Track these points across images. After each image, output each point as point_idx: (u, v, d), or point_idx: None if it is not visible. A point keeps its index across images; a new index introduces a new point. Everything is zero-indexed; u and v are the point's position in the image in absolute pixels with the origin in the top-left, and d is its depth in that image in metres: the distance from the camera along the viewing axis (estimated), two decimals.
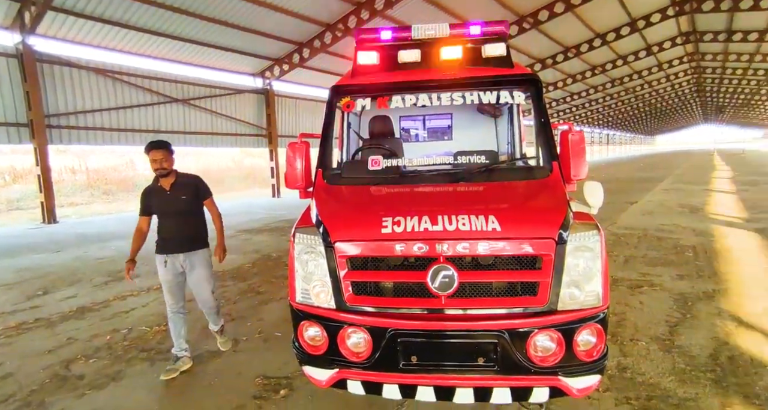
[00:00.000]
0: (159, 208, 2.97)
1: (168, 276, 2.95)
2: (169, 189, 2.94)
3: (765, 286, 4.13)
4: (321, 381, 2.05)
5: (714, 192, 12.10)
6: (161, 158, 2.85)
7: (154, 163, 2.84)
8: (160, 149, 2.86)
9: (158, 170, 2.86)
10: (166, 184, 2.95)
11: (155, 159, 2.84)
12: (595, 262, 1.92)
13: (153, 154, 2.84)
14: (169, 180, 2.95)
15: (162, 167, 2.85)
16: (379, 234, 1.95)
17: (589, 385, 1.90)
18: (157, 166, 2.85)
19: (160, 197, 2.95)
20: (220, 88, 14.16)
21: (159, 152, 2.85)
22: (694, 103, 49.10)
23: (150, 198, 2.97)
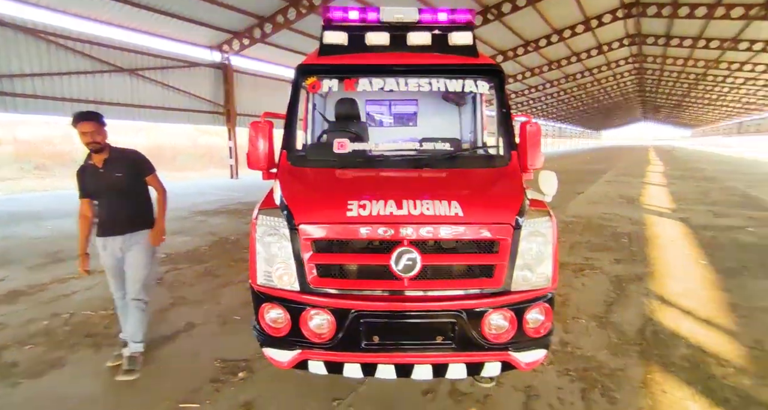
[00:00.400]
0: (93, 188, 2.68)
1: (108, 261, 2.72)
2: (101, 166, 2.64)
3: (685, 269, 4.63)
4: (282, 363, 2.06)
5: (648, 185, 13.21)
6: (91, 131, 2.54)
7: (84, 136, 2.54)
8: (90, 121, 2.55)
9: (89, 144, 2.56)
10: (99, 161, 2.65)
11: (84, 132, 2.53)
12: (547, 247, 2.06)
13: (81, 126, 2.53)
14: (102, 156, 2.65)
15: (94, 140, 2.55)
16: (345, 217, 1.96)
17: (536, 359, 2.06)
18: (87, 139, 2.54)
19: (93, 176, 2.66)
20: (173, 59, 13.21)
21: (88, 124, 2.54)
22: (635, 101, 52.74)
23: (84, 178, 2.68)
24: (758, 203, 9.39)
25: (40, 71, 10.21)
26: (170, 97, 13.30)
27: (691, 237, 6.11)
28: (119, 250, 2.70)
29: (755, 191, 11.68)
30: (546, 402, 2.33)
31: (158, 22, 11.85)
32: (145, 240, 2.76)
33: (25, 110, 10.19)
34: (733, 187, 12.61)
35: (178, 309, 3.66)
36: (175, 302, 3.82)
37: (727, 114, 49.89)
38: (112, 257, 2.72)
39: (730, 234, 6.26)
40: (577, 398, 2.36)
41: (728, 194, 10.84)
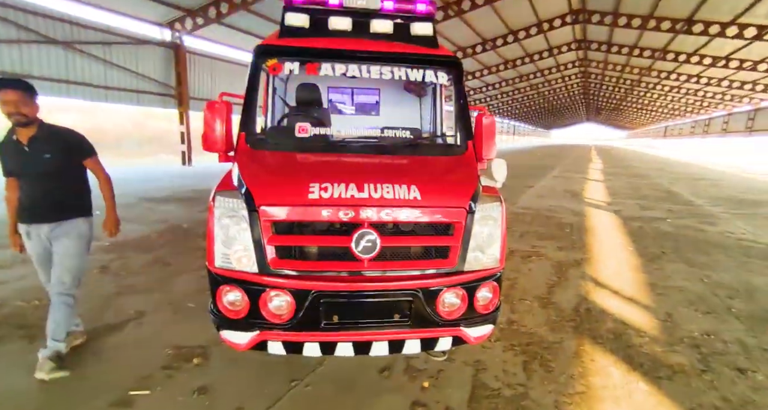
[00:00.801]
0: (15, 167, 2.38)
1: (34, 249, 2.48)
2: (26, 144, 2.33)
3: (615, 255, 5.13)
4: (240, 345, 2.06)
5: (589, 180, 14.27)
6: (15, 100, 2.23)
7: (6, 106, 2.23)
8: (14, 89, 2.23)
9: (12, 115, 2.24)
10: (24, 137, 2.34)
11: (6, 101, 2.22)
12: (497, 230, 2.22)
13: (4, 94, 2.22)
14: (28, 132, 2.34)
15: (18, 111, 2.24)
16: (306, 199, 1.99)
17: (484, 334, 2.23)
18: (10, 109, 2.22)
19: (16, 155, 2.34)
20: (116, 34, 12.19)
21: (12, 91, 2.23)
22: (580, 103, 56.33)
23: (4, 155, 2.37)
24: (677, 198, 10.50)
25: None
26: (114, 75, 12.32)
27: (622, 227, 6.74)
28: (46, 239, 2.46)
29: (676, 187, 13.02)
30: (492, 374, 2.52)
31: None
32: (76, 230, 2.49)
33: None
34: (658, 183, 13.95)
35: (126, 298, 3.49)
36: (121, 291, 3.64)
37: (656, 118, 54.79)
38: (39, 246, 2.47)
39: (653, 224, 6.97)
40: (520, 369, 2.58)
41: (654, 190, 11.98)
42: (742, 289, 4.04)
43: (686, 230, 6.68)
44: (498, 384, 2.42)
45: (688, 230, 6.68)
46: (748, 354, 2.82)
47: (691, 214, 8.16)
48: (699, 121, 42.97)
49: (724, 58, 20.97)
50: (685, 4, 15.39)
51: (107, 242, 4.93)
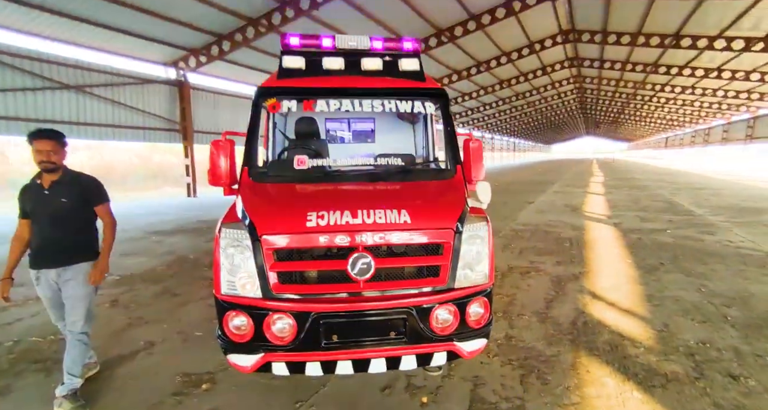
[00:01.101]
0: (33, 209, 2.49)
1: (45, 293, 2.55)
2: (47, 187, 2.49)
3: (614, 268, 5.20)
4: (246, 367, 2.18)
5: (589, 194, 14.38)
6: (48, 150, 2.42)
7: (40, 154, 2.41)
8: (49, 139, 2.43)
9: (42, 162, 2.42)
10: (46, 181, 2.50)
11: (41, 150, 2.41)
12: (484, 248, 2.37)
13: (39, 144, 2.41)
14: (51, 177, 2.51)
15: (49, 159, 2.42)
16: (305, 227, 2.16)
17: (477, 348, 2.33)
18: (42, 158, 2.42)
19: (35, 197, 2.49)
20: (124, 76, 12.82)
21: (47, 142, 2.42)
22: (578, 118, 57.04)
23: (25, 197, 2.51)
24: (678, 208, 10.56)
25: None
26: (121, 114, 12.85)
27: (621, 239, 6.82)
28: (54, 283, 2.53)
29: (677, 197, 13.08)
30: (490, 388, 2.60)
31: (108, 38, 11.55)
32: (83, 274, 2.56)
33: None
34: (659, 194, 14.02)
35: (136, 330, 3.62)
36: (132, 323, 3.77)
37: (655, 129, 55.23)
38: (49, 290, 2.55)
39: (653, 236, 7.04)
40: (517, 383, 2.66)
41: (655, 201, 12.06)
42: (738, 297, 4.09)
43: (685, 240, 6.74)
44: (495, 398, 2.50)
45: (687, 240, 6.74)
46: (742, 360, 2.87)
47: (691, 224, 8.22)
48: (699, 130, 43.28)
49: (716, 70, 21.40)
50: (672, 20, 15.91)
51: (117, 276, 5.10)
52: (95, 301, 2.69)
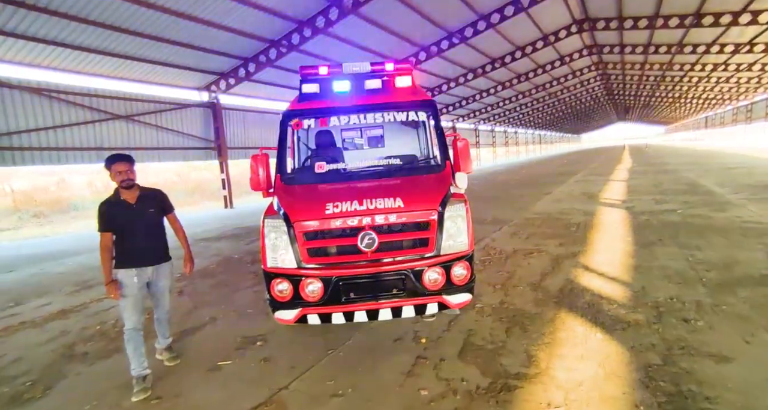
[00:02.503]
0: (124, 222, 2.93)
1: (135, 290, 2.93)
2: (134, 203, 2.97)
3: (612, 246, 5.64)
4: (289, 320, 2.95)
5: (611, 181, 14.43)
6: (127, 170, 2.89)
7: (120, 175, 2.87)
8: (126, 161, 2.91)
9: (124, 181, 2.88)
10: (131, 197, 2.97)
11: (121, 171, 2.87)
12: (463, 223, 3.03)
13: (119, 166, 2.88)
14: (133, 193, 2.97)
15: (129, 178, 2.90)
16: (324, 214, 2.92)
17: (463, 301, 2.99)
18: (123, 177, 2.87)
19: (124, 211, 2.94)
20: (165, 103, 14.28)
21: (124, 163, 2.89)
22: (606, 104, 55.30)
23: (113, 213, 2.92)
24: (699, 189, 10.58)
25: (44, 125, 11.17)
26: (164, 137, 14.30)
27: (629, 221, 7.16)
28: (148, 278, 3.02)
29: (703, 179, 12.94)
30: (480, 336, 3.25)
31: (150, 71, 12.99)
32: (170, 270, 3.18)
33: (32, 161, 11.10)
34: (685, 177, 13.88)
35: (201, 310, 4.51)
36: (197, 305, 4.68)
37: (692, 110, 52.61)
38: (140, 286, 2.97)
39: (662, 216, 7.33)
40: (503, 332, 3.28)
41: (677, 184, 12.04)
42: (722, 264, 4.48)
43: (693, 218, 7.00)
44: (483, 342, 3.14)
45: (695, 218, 7.00)
46: (700, 310, 3.35)
47: (706, 203, 8.37)
48: (740, 107, 41.03)
49: (747, 44, 20.52)
50: None
51: (178, 274, 6.08)
52: None
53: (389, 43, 16.25)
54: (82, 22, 9.89)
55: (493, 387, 2.57)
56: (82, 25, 10.03)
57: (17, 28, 9.47)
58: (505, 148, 48.18)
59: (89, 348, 3.67)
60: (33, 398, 2.84)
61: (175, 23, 11.06)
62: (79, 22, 9.85)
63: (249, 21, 12.13)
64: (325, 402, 2.56)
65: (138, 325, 2.95)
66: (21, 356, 3.58)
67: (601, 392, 2.41)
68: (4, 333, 4.19)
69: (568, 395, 2.41)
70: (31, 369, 3.32)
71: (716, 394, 2.31)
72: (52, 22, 9.66)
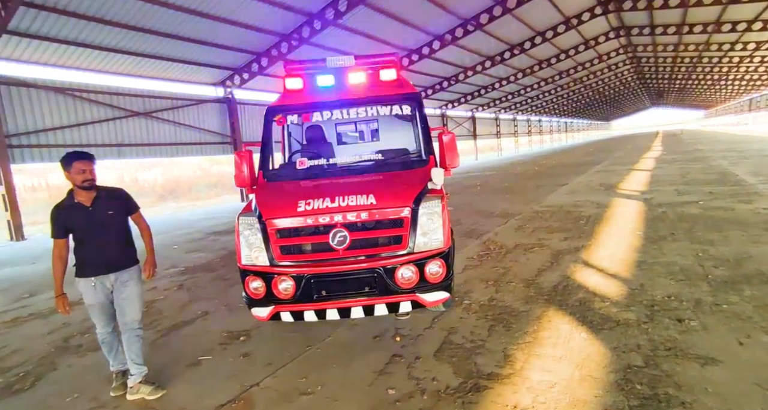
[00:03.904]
0: (82, 226, 2.64)
1: (98, 299, 2.70)
2: (90, 205, 2.66)
3: (619, 240, 5.36)
4: (263, 317, 2.96)
5: (634, 171, 13.76)
6: (90, 169, 2.61)
7: (82, 174, 2.58)
8: (87, 160, 2.61)
9: (86, 181, 2.60)
10: (87, 199, 2.66)
11: (84, 170, 2.59)
12: (438, 220, 2.93)
13: (80, 164, 2.58)
14: (90, 195, 2.68)
15: (92, 177, 2.63)
16: (296, 212, 2.89)
17: (439, 299, 2.91)
18: (86, 177, 2.59)
19: (81, 214, 2.64)
20: (182, 99, 14.63)
21: (86, 162, 2.59)
22: (638, 89, 52.59)
23: (68, 217, 2.63)
24: (729, 179, 9.92)
25: (69, 123, 11.68)
26: (182, 133, 14.68)
27: (643, 214, 6.80)
28: (110, 287, 2.72)
29: (737, 167, 12.12)
30: (461, 335, 3.16)
31: (167, 68, 13.31)
32: (137, 275, 2.84)
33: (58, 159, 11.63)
34: (717, 165, 13.05)
35: (196, 304, 4.62)
36: (193, 299, 4.79)
37: (735, 92, 49.22)
38: (103, 295, 2.71)
39: (680, 209, 6.91)
40: (485, 330, 3.18)
41: (706, 173, 11.34)
42: (733, 259, 4.18)
43: (714, 211, 6.57)
44: (462, 341, 3.06)
45: (716, 210, 6.57)
46: (698, 309, 3.13)
47: (733, 194, 7.85)
48: None
49: None
50: None
51: (183, 267, 6.26)
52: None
53: (402, 32, 15.98)
54: (101, 23, 10.20)
55: (462, 388, 2.49)
56: (100, 26, 10.34)
57: (40, 30, 9.88)
58: (528, 137, 46.84)
59: (84, 340, 3.83)
60: (21, 389, 2.99)
61: (188, 20, 11.24)
62: (98, 22, 10.16)
63: (260, 16, 12.19)
64: (293, 399, 2.57)
65: (109, 327, 2.79)
66: (21, 347, 3.77)
67: (572, 394, 2.29)
68: (12, 324, 4.43)
69: (537, 397, 2.30)
70: (27, 360, 3.49)
71: (694, 398, 2.15)
72: (72, 23, 10.00)
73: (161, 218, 13.18)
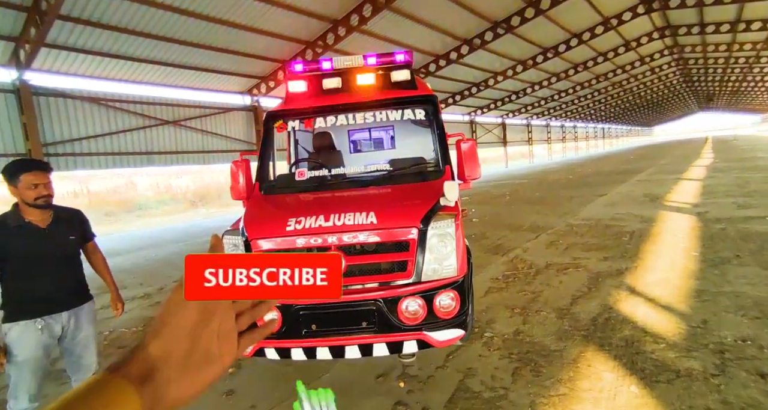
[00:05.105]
0: (28, 253, 2.09)
1: (37, 350, 2.08)
2: (46, 227, 2.14)
3: (669, 262, 4.62)
4: (246, 352, 2.58)
5: (683, 180, 12.55)
6: (46, 182, 2.07)
7: (33, 190, 2.02)
8: (42, 170, 2.08)
9: (41, 198, 2.05)
10: (41, 220, 2.13)
11: (35, 184, 2.03)
12: (452, 243, 2.46)
13: (33, 176, 2.03)
14: (45, 214, 2.14)
15: (49, 193, 2.08)
16: (284, 232, 2.50)
17: (451, 338, 2.42)
18: (40, 193, 2.04)
19: (33, 236, 2.09)
20: (209, 108, 14.87)
21: (40, 173, 2.06)
22: (684, 93, 49.37)
23: (11, 240, 2.05)
24: None
25: (102, 132, 12.06)
26: (209, 141, 14.91)
27: (698, 230, 5.96)
28: (61, 329, 2.18)
29: None
30: (479, 379, 2.65)
31: (196, 77, 13.58)
32: (93, 312, 2.39)
33: (91, 166, 12.06)
34: None
35: None
36: None
37: None
38: (47, 344, 2.13)
39: (743, 225, 6.01)
40: (508, 375, 2.66)
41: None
42: None
43: None
44: (481, 388, 2.55)
45: None
46: None
47: None
48: None
49: None
50: None
51: None
52: None
53: (428, 37, 15.61)
54: (132, 34, 10.47)
55: None
56: (132, 37, 10.62)
57: (76, 42, 10.24)
58: (562, 144, 44.98)
59: None
60: None
61: (216, 30, 11.36)
62: (129, 33, 10.43)
63: (284, 24, 12.18)
64: None
65: (36, 399, 2.09)
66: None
67: None
68: None
69: None
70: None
71: None
72: (106, 36, 10.30)
73: (191, 224, 13.31)
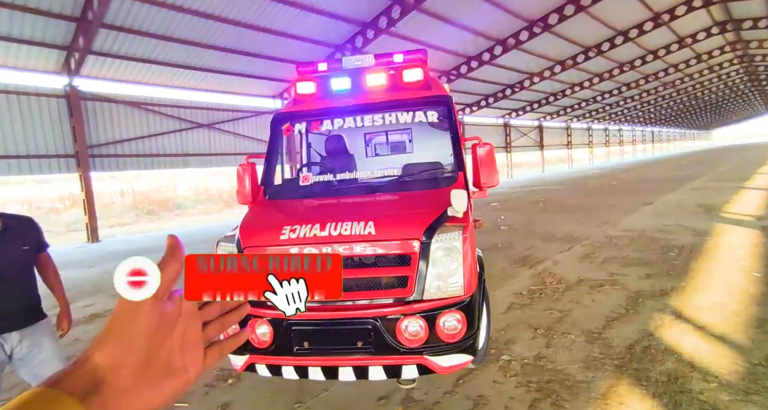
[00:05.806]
0: None
1: None
2: None
3: (726, 284, 4.02)
4: (238, 366, 2.43)
5: (744, 190, 11.33)
6: None
7: None
8: None
9: None
10: None
11: None
12: (458, 258, 2.18)
13: None
14: None
15: None
16: (278, 240, 2.33)
17: (457, 364, 2.14)
18: None
19: None
20: (241, 111, 15.26)
21: None
22: (748, 93, 45.34)
23: None
24: None
25: (142, 134, 12.64)
26: (241, 143, 15.28)
27: (762, 247, 5.24)
28: (8, 352, 2.01)
29: None
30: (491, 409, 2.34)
31: (229, 81, 13.98)
32: (51, 328, 2.17)
33: (131, 167, 12.67)
34: None
35: None
36: None
37: None
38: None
39: None
40: (525, 406, 2.33)
41: None
42: None
43: None
44: None
45: None
46: None
47: None
48: None
49: None
50: None
51: None
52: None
53: (459, 38, 15.21)
54: (170, 41, 10.93)
55: None
56: (170, 44, 11.08)
57: (120, 50, 10.81)
58: (605, 148, 42.65)
59: None
60: None
61: (247, 35, 11.64)
62: (167, 40, 10.88)
63: (314, 28, 12.27)
64: None
65: None
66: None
67: None
68: None
69: None
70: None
71: None
72: (145, 43, 10.81)
73: (223, 225, 13.63)
